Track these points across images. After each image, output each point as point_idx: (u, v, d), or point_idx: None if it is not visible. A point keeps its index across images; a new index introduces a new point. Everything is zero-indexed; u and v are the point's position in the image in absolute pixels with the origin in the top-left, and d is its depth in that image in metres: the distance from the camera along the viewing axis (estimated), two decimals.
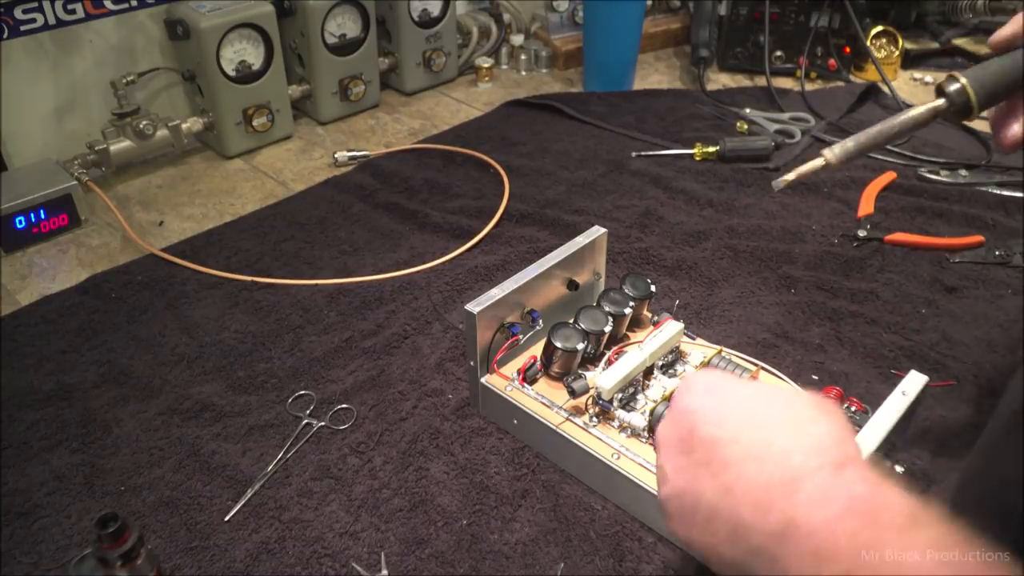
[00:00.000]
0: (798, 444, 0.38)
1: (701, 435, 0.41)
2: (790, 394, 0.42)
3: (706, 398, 0.43)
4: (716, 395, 0.43)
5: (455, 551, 0.62)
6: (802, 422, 0.39)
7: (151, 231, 1.04)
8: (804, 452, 0.37)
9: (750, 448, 0.39)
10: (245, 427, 0.73)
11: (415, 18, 1.35)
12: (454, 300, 0.89)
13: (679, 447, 0.42)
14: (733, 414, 0.41)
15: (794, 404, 0.41)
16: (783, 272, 0.92)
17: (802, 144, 1.19)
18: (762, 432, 0.39)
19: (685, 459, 0.42)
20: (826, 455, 0.37)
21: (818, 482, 0.36)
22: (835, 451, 0.37)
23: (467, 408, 0.75)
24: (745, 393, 0.42)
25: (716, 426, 0.41)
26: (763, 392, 0.42)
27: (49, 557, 0.62)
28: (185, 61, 1.16)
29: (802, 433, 0.38)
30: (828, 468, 0.36)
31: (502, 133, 1.25)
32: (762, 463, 0.38)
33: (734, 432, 0.40)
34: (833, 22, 1.40)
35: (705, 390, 0.43)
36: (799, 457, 0.37)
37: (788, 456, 0.37)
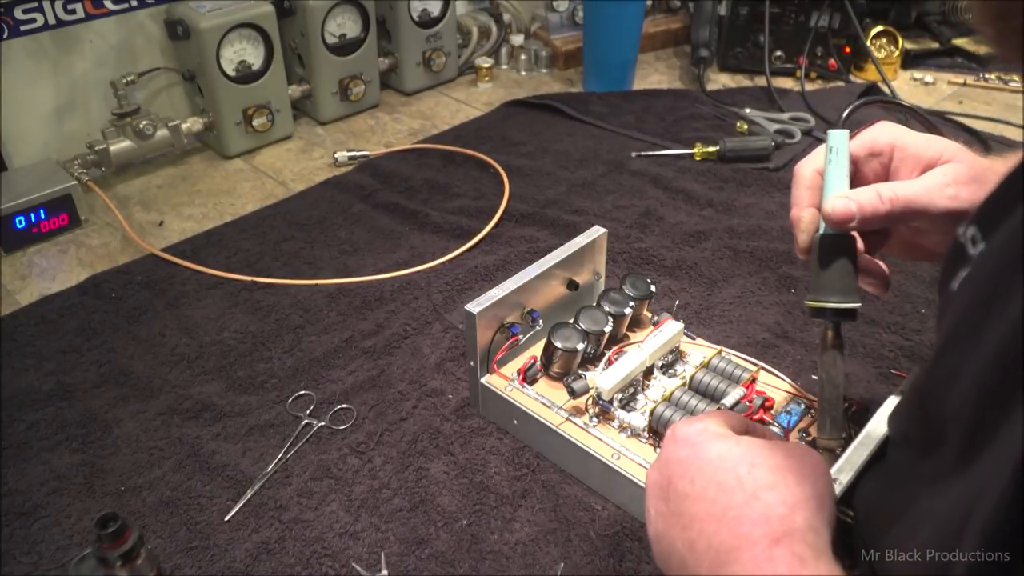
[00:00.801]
0: (748, 513, 0.40)
1: (675, 487, 0.44)
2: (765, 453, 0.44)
3: (685, 451, 0.45)
4: (695, 450, 0.45)
5: (455, 551, 0.62)
6: (759, 489, 0.41)
7: (151, 231, 1.04)
8: (752, 521, 0.40)
9: (711, 509, 0.42)
10: (245, 427, 0.73)
11: (415, 18, 1.35)
12: (454, 300, 0.89)
13: (660, 494, 0.45)
14: (705, 472, 0.43)
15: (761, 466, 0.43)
16: (783, 272, 0.92)
17: (802, 144, 1.19)
18: (723, 495, 0.42)
19: (664, 506, 0.45)
20: (768, 526, 0.39)
21: (753, 555, 0.39)
22: (777, 524, 0.39)
23: (467, 408, 0.75)
24: (721, 450, 0.44)
25: (689, 482, 0.44)
26: (739, 450, 0.44)
27: (49, 557, 0.62)
28: (185, 61, 1.17)
29: (755, 501, 0.41)
30: (765, 542, 0.39)
31: (502, 133, 1.25)
32: (718, 525, 0.41)
33: (701, 490, 0.43)
34: (833, 22, 1.40)
35: (686, 443, 0.46)
36: (746, 526, 0.40)
37: (738, 523, 0.40)
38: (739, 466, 0.43)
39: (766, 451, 0.44)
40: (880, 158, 0.56)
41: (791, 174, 0.60)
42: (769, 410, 0.67)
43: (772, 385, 0.70)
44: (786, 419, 0.66)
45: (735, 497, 0.41)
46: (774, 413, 0.67)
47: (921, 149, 0.55)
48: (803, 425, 0.66)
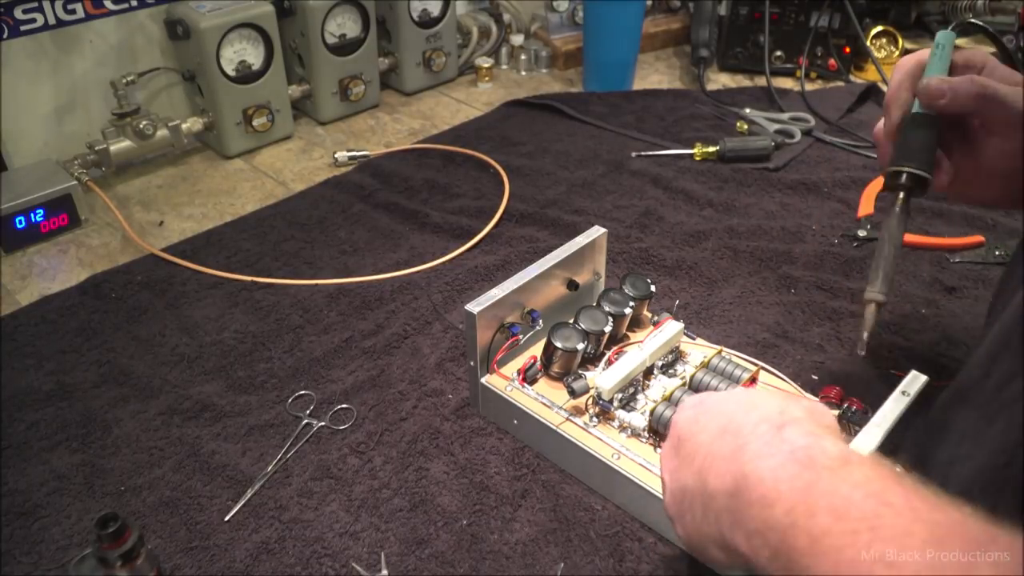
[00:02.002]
0: (748, 418, 0.42)
1: (683, 438, 0.46)
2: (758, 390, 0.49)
3: (689, 411, 0.48)
4: (697, 407, 0.48)
5: (455, 551, 0.62)
6: (755, 403, 0.44)
7: (151, 231, 1.04)
8: (753, 422, 0.42)
9: (714, 431, 0.44)
10: (245, 427, 0.73)
11: (415, 18, 1.35)
12: (454, 300, 0.89)
13: (670, 454, 0.48)
14: (706, 413, 0.46)
15: (754, 394, 0.46)
16: (783, 272, 0.92)
17: (802, 144, 1.19)
18: (723, 417, 0.44)
19: (675, 462, 0.47)
20: (770, 421, 0.41)
21: (761, 440, 0.40)
22: (777, 417, 0.41)
23: (467, 408, 0.75)
24: (720, 397, 0.48)
25: (693, 423, 0.46)
26: (735, 393, 0.48)
27: (49, 557, 0.62)
28: (185, 61, 1.17)
29: (751, 409, 0.43)
30: (771, 429, 0.40)
31: (502, 133, 1.25)
32: (723, 438, 0.42)
33: (704, 426, 0.45)
34: (833, 22, 1.40)
35: (690, 405, 0.49)
36: (748, 427, 0.42)
37: (741, 428, 0.42)
38: (738, 397, 0.46)
39: (765, 391, 0.48)
40: (972, 71, 0.62)
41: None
42: None
43: (772, 385, 0.70)
44: None
45: (735, 412, 0.44)
46: None
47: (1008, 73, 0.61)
48: None
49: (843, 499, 0.34)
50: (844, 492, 0.34)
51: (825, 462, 0.36)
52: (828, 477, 0.35)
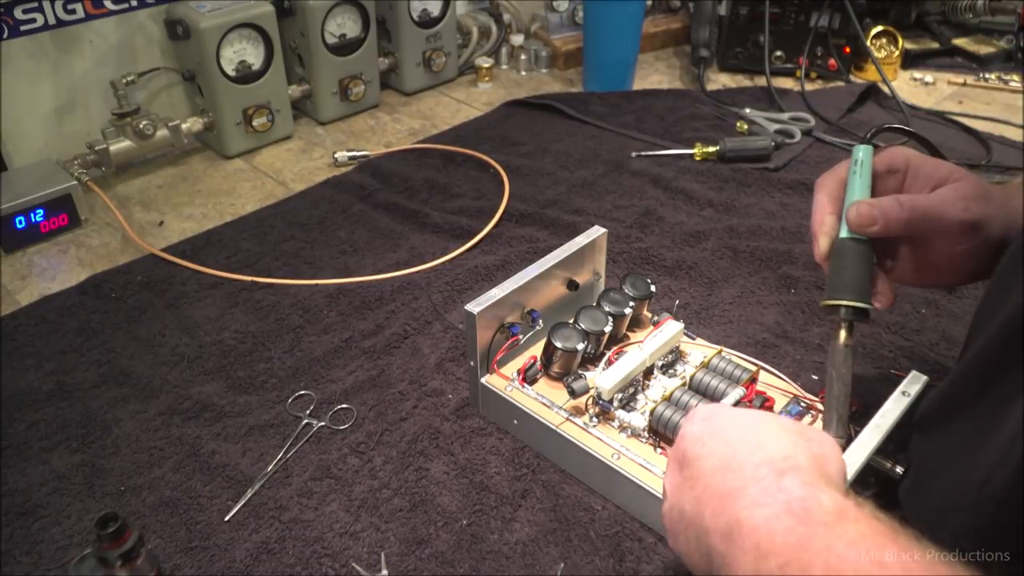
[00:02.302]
0: (752, 458, 0.42)
1: (688, 455, 0.46)
2: (769, 418, 0.46)
3: (698, 424, 0.47)
4: (707, 421, 0.47)
5: (455, 551, 0.62)
6: (763, 440, 0.43)
7: (151, 231, 1.04)
8: (755, 464, 0.41)
9: (716, 462, 0.43)
10: (245, 427, 0.73)
11: (415, 18, 1.35)
12: (454, 300, 0.89)
13: (675, 467, 0.47)
14: (714, 436, 0.45)
15: (765, 427, 0.45)
16: (783, 272, 0.92)
17: (802, 144, 1.19)
18: (728, 448, 0.44)
19: (678, 477, 0.46)
20: (772, 465, 0.41)
21: (760, 487, 0.40)
22: (781, 462, 0.41)
23: (467, 408, 0.75)
24: (731, 417, 0.47)
25: (700, 445, 0.45)
26: (745, 417, 0.47)
27: (49, 557, 0.62)
28: (185, 61, 1.17)
29: (758, 449, 0.43)
30: (771, 475, 0.40)
31: (502, 133, 1.25)
32: (723, 474, 0.42)
33: (709, 449, 0.45)
34: (833, 22, 1.40)
35: (700, 418, 0.48)
36: (751, 468, 0.41)
37: (743, 467, 0.42)
38: (746, 425, 0.45)
39: (777, 418, 0.47)
40: (896, 175, 0.61)
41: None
42: (769, 410, 0.67)
43: (772, 385, 0.70)
44: None
45: (740, 448, 0.43)
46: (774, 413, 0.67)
47: (932, 169, 0.59)
48: None
49: (838, 557, 0.34)
50: (839, 550, 0.34)
51: (821, 517, 0.36)
52: (823, 533, 0.35)
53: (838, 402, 0.57)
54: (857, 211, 0.57)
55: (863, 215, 0.57)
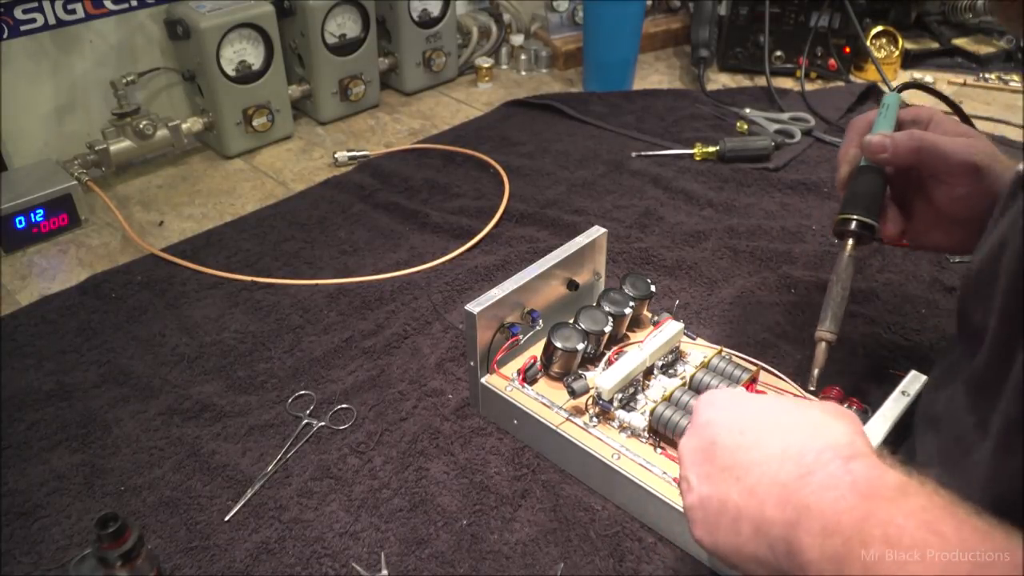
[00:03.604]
0: (813, 444, 0.41)
1: (724, 443, 0.44)
2: (804, 403, 0.46)
3: (726, 412, 0.46)
4: (736, 408, 0.46)
5: (455, 551, 0.62)
6: (817, 425, 0.43)
7: (151, 231, 1.04)
8: (818, 450, 0.40)
9: (770, 451, 0.42)
10: (245, 427, 0.73)
11: (415, 18, 1.35)
12: (454, 300, 0.89)
13: (703, 456, 0.45)
14: (753, 423, 0.45)
15: (808, 411, 0.44)
16: (783, 272, 0.92)
17: (802, 144, 1.19)
18: (781, 436, 0.43)
19: (709, 467, 0.45)
20: (838, 451, 0.40)
21: (828, 472, 0.39)
22: (846, 448, 0.40)
23: (467, 408, 0.75)
24: (762, 404, 0.46)
25: (739, 434, 0.44)
26: (779, 402, 0.46)
27: (49, 557, 0.62)
28: (185, 61, 1.17)
29: (817, 435, 0.42)
30: (838, 461, 0.39)
31: (502, 133, 1.25)
32: (781, 463, 0.41)
33: (755, 438, 0.43)
34: (833, 22, 1.40)
35: (725, 405, 0.47)
36: (813, 454, 0.40)
37: (803, 455, 0.41)
38: (788, 412, 0.44)
39: (804, 401, 0.46)
40: (919, 125, 0.67)
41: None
42: None
43: (772, 385, 0.70)
44: None
45: (796, 435, 0.42)
46: None
47: (953, 126, 0.66)
48: None
49: (897, 528, 0.34)
50: (899, 522, 0.34)
51: (884, 492, 0.37)
52: (885, 507, 0.36)
53: (835, 302, 0.62)
54: (870, 139, 0.65)
55: (875, 142, 0.65)
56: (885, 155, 0.65)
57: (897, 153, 0.64)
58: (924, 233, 0.68)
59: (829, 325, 0.62)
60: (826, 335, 0.62)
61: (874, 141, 0.65)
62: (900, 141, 0.64)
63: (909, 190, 0.68)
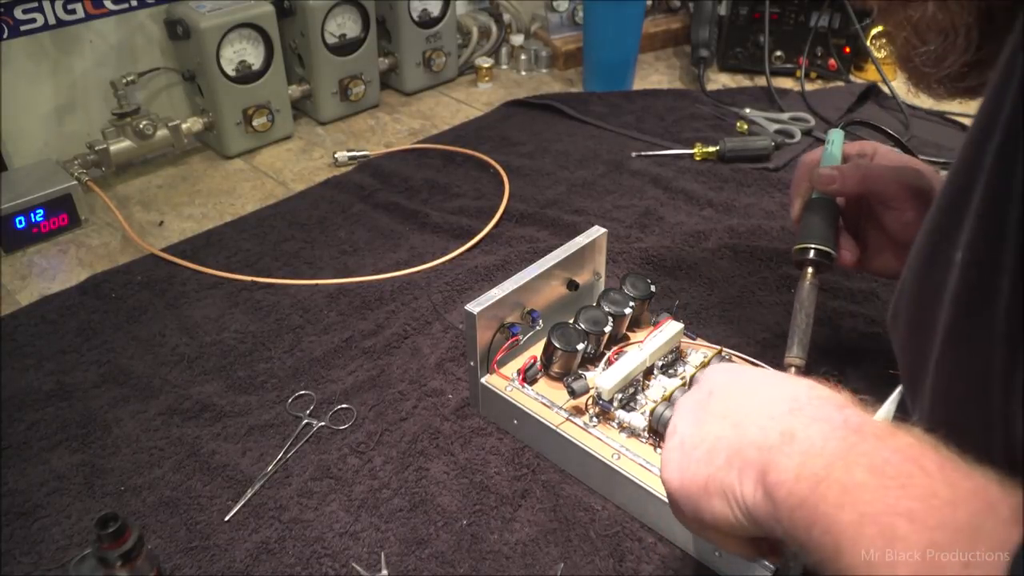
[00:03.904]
0: (808, 392, 0.43)
1: (719, 393, 0.46)
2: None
3: (727, 372, 0.48)
4: (737, 370, 0.49)
5: (455, 551, 0.62)
6: (813, 385, 0.44)
7: (151, 231, 1.04)
8: (809, 395, 0.42)
9: (763, 396, 0.44)
10: (245, 427, 0.73)
11: (415, 18, 1.35)
12: (454, 300, 0.89)
13: (696, 406, 0.47)
14: (750, 378, 0.47)
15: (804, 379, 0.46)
16: (783, 272, 0.92)
17: (802, 144, 1.19)
18: (776, 386, 0.44)
19: (700, 413, 0.46)
20: (832, 400, 0.42)
21: (820, 410, 0.40)
22: (838, 397, 0.42)
23: (467, 408, 0.75)
24: (762, 371, 0.49)
25: (735, 383, 0.46)
26: (777, 374, 0.49)
27: (49, 557, 0.62)
28: (185, 61, 1.17)
29: (813, 388, 0.43)
30: (831, 405, 0.41)
31: (502, 133, 1.25)
32: (772, 401, 0.43)
33: (751, 388, 0.45)
34: (833, 22, 1.40)
35: (726, 368, 0.49)
36: (805, 397, 0.42)
37: (797, 397, 0.42)
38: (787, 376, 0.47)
39: None
40: (864, 157, 0.73)
41: (791, 174, 0.68)
42: None
43: None
44: None
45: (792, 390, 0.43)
46: None
47: (896, 156, 0.71)
48: None
49: (881, 459, 0.35)
50: (884, 454, 0.35)
51: (873, 430, 0.38)
52: (873, 441, 0.37)
53: (800, 329, 0.64)
54: (819, 172, 0.70)
55: (824, 175, 0.69)
56: (834, 186, 0.68)
57: (845, 183, 0.68)
58: (878, 258, 0.71)
59: (796, 351, 0.63)
60: (795, 361, 0.63)
61: (823, 174, 0.69)
62: (847, 172, 0.68)
63: (861, 218, 0.71)
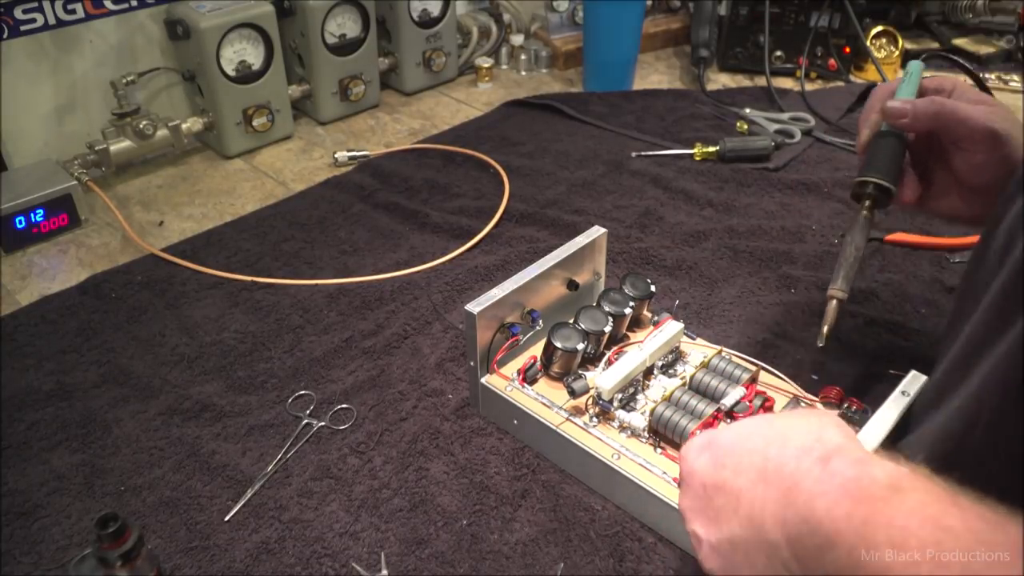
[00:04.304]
0: (786, 452, 0.41)
1: (711, 486, 0.44)
2: (768, 416, 0.46)
3: (700, 456, 0.46)
4: (708, 449, 0.46)
5: (455, 551, 0.62)
6: (784, 434, 0.42)
7: (151, 231, 1.04)
8: (794, 458, 0.40)
9: (751, 476, 0.42)
10: (245, 427, 0.73)
11: (415, 18, 1.35)
12: (454, 300, 0.89)
13: (699, 505, 0.45)
14: (727, 454, 0.44)
15: (774, 423, 0.44)
16: (783, 272, 0.92)
17: (802, 144, 1.19)
18: (758, 457, 0.42)
19: (707, 512, 0.44)
20: (811, 453, 0.39)
21: (811, 478, 0.38)
22: (818, 447, 0.40)
23: (467, 408, 0.75)
24: (730, 434, 0.45)
25: (721, 468, 0.44)
26: (745, 425, 0.45)
27: (49, 557, 0.62)
28: (185, 61, 1.16)
29: (786, 444, 0.41)
30: (816, 464, 0.39)
31: (502, 133, 1.25)
32: (766, 483, 0.41)
33: (734, 468, 0.43)
34: (833, 22, 1.40)
35: (696, 451, 0.46)
36: (791, 464, 0.40)
37: (782, 467, 0.40)
38: (760, 430, 0.44)
39: (770, 415, 0.47)
40: (941, 93, 0.67)
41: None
42: (769, 410, 0.67)
43: (772, 385, 0.70)
44: None
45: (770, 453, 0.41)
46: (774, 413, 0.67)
47: (975, 95, 0.66)
48: None
49: (900, 530, 0.33)
50: (900, 522, 0.33)
51: (878, 492, 0.36)
52: (883, 508, 0.35)
53: (847, 263, 0.64)
54: (891, 104, 0.66)
55: (896, 107, 0.65)
56: (905, 120, 0.65)
57: (917, 118, 0.64)
58: (940, 199, 0.68)
59: (841, 284, 0.64)
60: (837, 293, 0.64)
61: (895, 107, 0.65)
62: (920, 107, 0.64)
63: (929, 157, 0.68)
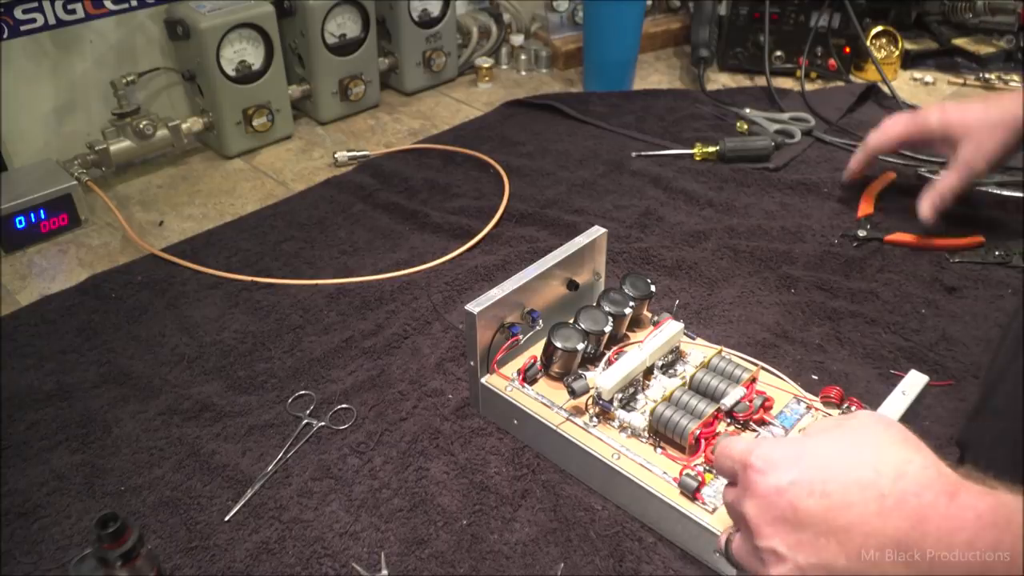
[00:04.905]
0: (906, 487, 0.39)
1: (808, 509, 0.41)
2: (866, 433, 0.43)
3: (787, 473, 0.43)
4: (802, 464, 0.43)
5: (455, 551, 0.62)
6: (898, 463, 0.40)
7: (151, 231, 1.04)
8: (916, 492, 0.38)
9: (866, 507, 0.39)
10: (245, 427, 0.73)
11: (415, 18, 1.35)
12: (454, 300, 0.89)
13: (788, 526, 0.42)
14: (830, 478, 0.41)
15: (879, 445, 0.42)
16: (783, 272, 0.92)
17: (802, 144, 1.19)
18: (870, 489, 0.40)
19: (801, 535, 0.42)
20: (935, 486, 0.38)
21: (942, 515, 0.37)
22: (941, 481, 0.38)
23: (467, 408, 0.75)
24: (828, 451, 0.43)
25: (821, 496, 0.41)
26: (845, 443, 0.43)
27: (49, 557, 0.62)
28: (185, 61, 1.16)
29: (904, 475, 0.39)
30: (944, 498, 0.37)
31: (502, 133, 1.25)
32: (884, 517, 0.38)
33: (842, 496, 0.40)
34: (833, 22, 1.40)
35: (787, 463, 0.43)
36: (914, 499, 0.38)
37: (904, 502, 0.38)
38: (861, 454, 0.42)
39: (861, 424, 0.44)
40: None
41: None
42: (769, 410, 0.67)
43: (772, 385, 0.70)
44: (786, 419, 0.66)
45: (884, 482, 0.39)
46: (774, 413, 0.67)
47: None
48: (803, 425, 0.66)
49: None
50: None
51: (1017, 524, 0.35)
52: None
53: None
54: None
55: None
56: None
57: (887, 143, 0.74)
58: None
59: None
60: None
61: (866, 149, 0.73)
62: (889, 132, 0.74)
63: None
